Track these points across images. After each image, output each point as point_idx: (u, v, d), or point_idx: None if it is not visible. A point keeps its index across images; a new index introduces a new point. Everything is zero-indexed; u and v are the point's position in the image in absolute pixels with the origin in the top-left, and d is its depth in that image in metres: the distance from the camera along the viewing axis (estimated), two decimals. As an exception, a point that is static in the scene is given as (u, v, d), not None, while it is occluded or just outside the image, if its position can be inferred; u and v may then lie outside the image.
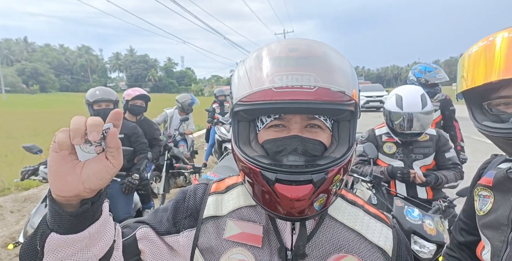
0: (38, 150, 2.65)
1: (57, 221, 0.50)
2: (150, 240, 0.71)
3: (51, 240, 0.50)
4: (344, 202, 0.76)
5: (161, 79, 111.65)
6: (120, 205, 2.79)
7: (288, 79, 0.58)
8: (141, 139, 3.12)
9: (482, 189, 0.94)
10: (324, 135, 0.67)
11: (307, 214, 0.62)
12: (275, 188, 0.59)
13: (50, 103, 34.14)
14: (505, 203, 0.84)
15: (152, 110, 4.06)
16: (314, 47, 0.65)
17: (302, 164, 0.61)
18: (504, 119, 0.76)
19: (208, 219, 0.73)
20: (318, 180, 0.59)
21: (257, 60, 0.65)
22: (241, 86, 0.64)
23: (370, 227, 0.72)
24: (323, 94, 0.59)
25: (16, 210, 4.34)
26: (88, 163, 0.51)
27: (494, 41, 0.73)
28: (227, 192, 0.78)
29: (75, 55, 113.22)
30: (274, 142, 0.66)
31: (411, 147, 2.19)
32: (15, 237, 3.40)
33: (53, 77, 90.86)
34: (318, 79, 0.58)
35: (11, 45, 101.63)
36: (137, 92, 3.68)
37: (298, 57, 0.62)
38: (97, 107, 2.84)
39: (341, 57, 0.66)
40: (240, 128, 0.69)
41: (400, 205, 1.86)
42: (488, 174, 0.95)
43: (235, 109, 0.65)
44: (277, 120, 0.66)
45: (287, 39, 0.69)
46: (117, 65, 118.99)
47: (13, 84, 73.83)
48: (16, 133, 11.53)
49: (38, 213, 2.32)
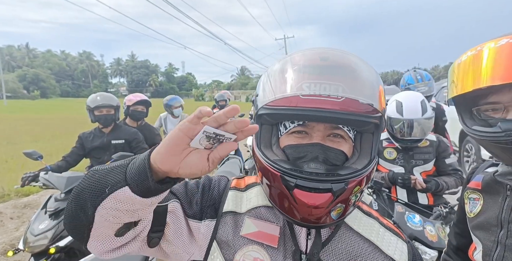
0: (38, 156, 2.64)
1: (138, 180, 0.51)
2: (177, 217, 0.69)
3: (121, 192, 0.51)
4: (359, 212, 0.76)
5: (162, 84, 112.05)
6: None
7: (316, 87, 0.58)
8: (142, 144, 3.11)
9: (472, 192, 0.98)
10: (346, 145, 0.67)
11: (324, 222, 0.62)
12: (294, 193, 0.59)
13: (50, 109, 34.23)
14: (494, 205, 0.89)
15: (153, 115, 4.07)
16: (345, 58, 0.65)
17: (323, 172, 0.61)
18: (492, 123, 0.80)
19: (228, 214, 0.73)
20: (338, 189, 0.58)
21: (287, 66, 0.65)
22: (269, 90, 0.64)
23: (385, 239, 0.72)
24: (350, 104, 0.59)
25: (16, 217, 4.32)
26: (192, 154, 0.51)
27: (482, 51, 0.77)
28: (246, 190, 0.78)
29: (76, 60, 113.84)
30: (296, 148, 0.66)
31: (412, 153, 2.19)
32: (14, 244, 3.37)
33: (54, 82, 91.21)
34: (346, 89, 0.58)
35: (13, 52, 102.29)
36: (138, 98, 3.69)
37: (329, 66, 0.62)
38: (98, 113, 2.86)
39: (370, 69, 0.67)
40: (263, 131, 0.70)
41: (401, 211, 1.85)
42: (476, 178, 0.99)
43: (260, 112, 0.66)
44: (301, 126, 0.66)
45: (318, 47, 0.70)
46: (118, 71, 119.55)
47: (14, 90, 74.13)
48: (16, 139, 11.53)
49: (38, 219, 2.31)
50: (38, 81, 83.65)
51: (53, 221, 2.25)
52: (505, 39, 0.75)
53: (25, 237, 2.21)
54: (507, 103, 0.78)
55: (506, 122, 0.76)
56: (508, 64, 0.72)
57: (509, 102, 0.78)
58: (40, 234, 2.17)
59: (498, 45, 0.75)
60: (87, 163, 3.15)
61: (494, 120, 0.80)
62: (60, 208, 2.33)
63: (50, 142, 10.69)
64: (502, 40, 0.75)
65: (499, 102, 0.79)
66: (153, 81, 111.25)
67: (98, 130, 3.01)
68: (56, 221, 2.25)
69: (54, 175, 2.49)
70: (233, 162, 3.31)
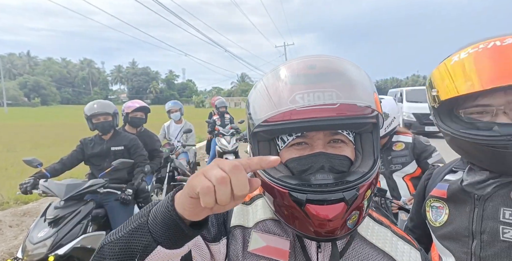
0: (38, 163, 2.64)
1: (169, 234, 0.48)
2: (201, 248, 0.67)
3: (156, 254, 0.48)
4: (371, 221, 0.75)
5: (162, 91, 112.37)
6: (119, 218, 2.76)
7: (310, 97, 0.57)
8: (140, 151, 3.12)
9: (435, 201, 0.97)
10: (348, 149, 0.66)
11: (341, 233, 0.60)
12: (306, 209, 0.57)
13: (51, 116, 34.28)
14: (461, 215, 0.88)
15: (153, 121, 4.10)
16: (332, 63, 0.64)
17: (332, 182, 0.59)
18: (480, 127, 0.77)
19: (236, 228, 0.71)
20: (350, 197, 0.57)
21: (276, 79, 0.64)
22: (262, 107, 0.62)
23: (399, 249, 0.70)
24: (345, 109, 0.59)
25: (15, 225, 4.28)
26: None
27: (482, 50, 0.75)
28: (252, 203, 0.76)
29: (77, 68, 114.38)
30: (298, 161, 0.64)
31: (390, 158, 2.17)
32: (13, 253, 3.34)
33: (55, 90, 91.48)
34: (340, 94, 0.57)
35: (14, 59, 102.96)
36: (136, 104, 3.70)
37: (318, 73, 0.61)
38: (95, 121, 2.88)
39: (359, 70, 0.66)
40: (261, 148, 0.68)
41: (405, 219, 1.84)
42: (439, 186, 0.97)
43: (256, 130, 0.64)
44: (300, 138, 0.65)
45: (304, 56, 0.69)
46: (119, 78, 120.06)
47: (15, 98, 74.37)
48: (16, 146, 11.51)
49: (37, 227, 2.29)
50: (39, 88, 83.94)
51: (52, 229, 2.24)
52: (510, 39, 0.73)
53: (24, 245, 2.19)
54: (499, 107, 0.76)
55: (505, 126, 0.74)
56: (506, 66, 0.71)
57: (501, 106, 0.75)
58: (39, 242, 2.15)
59: (504, 43, 0.73)
60: (87, 169, 3.14)
61: (483, 123, 0.77)
62: (60, 216, 2.31)
63: (50, 149, 10.67)
64: (508, 39, 0.73)
65: (491, 105, 0.76)
66: (153, 88, 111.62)
67: (99, 137, 3.01)
68: (55, 229, 2.24)
69: (54, 183, 2.48)
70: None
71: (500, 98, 0.75)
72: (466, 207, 0.87)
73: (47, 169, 2.75)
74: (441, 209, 0.94)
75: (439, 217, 0.94)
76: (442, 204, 0.95)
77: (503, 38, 0.74)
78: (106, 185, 2.65)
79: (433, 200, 0.97)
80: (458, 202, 0.90)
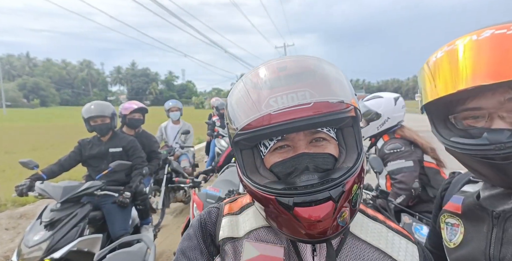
0: (34, 165, 2.61)
1: None
2: None
3: None
4: (365, 217, 0.74)
5: (162, 92, 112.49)
6: (116, 221, 2.72)
7: (283, 99, 0.57)
8: (138, 153, 3.08)
9: (450, 216, 0.83)
10: (331, 146, 0.65)
11: (333, 233, 0.60)
12: (294, 212, 0.57)
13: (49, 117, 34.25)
14: (478, 235, 0.74)
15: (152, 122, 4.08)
16: (302, 62, 0.64)
17: (317, 181, 0.58)
18: (474, 134, 0.67)
19: (225, 241, 0.70)
20: (337, 194, 0.57)
21: (248, 85, 0.63)
22: (238, 115, 0.62)
23: (395, 245, 0.69)
24: (322, 106, 0.58)
25: (11, 227, 4.25)
26: None
27: (459, 46, 0.65)
28: (241, 212, 0.75)
29: (76, 69, 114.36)
30: (283, 164, 0.64)
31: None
32: (9, 256, 3.31)
33: (54, 91, 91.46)
34: (313, 93, 0.57)
35: (13, 61, 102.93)
36: (134, 106, 3.67)
37: (289, 74, 0.61)
38: (93, 123, 2.84)
39: (330, 66, 0.65)
40: (245, 157, 0.67)
41: (409, 222, 1.82)
42: (454, 199, 0.84)
43: (236, 139, 0.63)
44: (281, 141, 0.64)
45: (273, 59, 0.68)
46: (118, 79, 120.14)
47: (14, 99, 74.29)
48: (14, 148, 11.48)
49: (33, 230, 2.25)
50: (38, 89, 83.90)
51: (48, 232, 2.20)
52: (488, 31, 0.62)
53: (19, 248, 2.15)
54: (491, 109, 0.64)
55: (494, 132, 0.63)
56: (493, 60, 0.59)
57: (494, 108, 0.64)
58: (35, 245, 2.11)
59: (480, 37, 0.62)
60: (84, 171, 3.11)
61: (476, 130, 0.67)
62: (56, 219, 2.27)
63: (48, 151, 10.63)
64: (486, 32, 0.62)
65: (481, 108, 0.66)
66: (153, 89, 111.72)
67: (97, 139, 2.98)
68: (51, 232, 2.20)
69: (50, 185, 2.45)
70: (232, 170, 3.25)
71: (489, 100, 0.64)
72: (484, 226, 0.73)
73: (44, 170, 2.72)
74: (456, 227, 0.80)
75: (454, 236, 0.80)
76: (457, 220, 0.80)
77: (480, 31, 0.63)
78: (104, 187, 2.62)
79: (447, 216, 0.84)
80: (474, 219, 0.76)
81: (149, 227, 3.30)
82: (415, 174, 2.12)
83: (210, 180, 6.12)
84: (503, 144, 0.60)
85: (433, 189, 2.14)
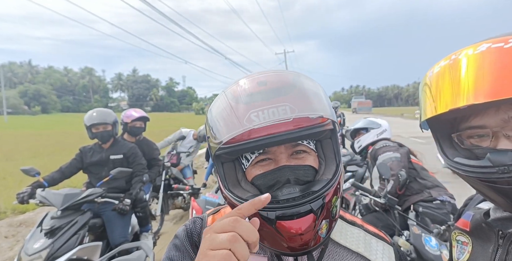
0: (36, 172, 2.63)
1: None
2: None
3: None
4: (344, 223, 0.77)
5: (163, 99, 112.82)
6: (116, 228, 2.73)
7: (265, 114, 0.58)
8: (139, 160, 3.10)
9: (460, 233, 0.77)
10: (311, 157, 0.67)
11: (314, 245, 0.61)
12: (277, 226, 0.58)
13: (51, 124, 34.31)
14: (484, 256, 0.68)
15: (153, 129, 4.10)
16: (282, 77, 0.66)
17: (298, 194, 0.60)
18: (478, 154, 0.62)
19: None
20: (318, 207, 0.58)
21: (229, 101, 0.64)
22: (220, 129, 0.62)
23: (373, 247, 0.73)
24: (302, 120, 0.60)
25: (11, 235, 4.24)
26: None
27: (458, 60, 0.60)
28: None
29: (77, 76, 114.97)
30: (264, 177, 0.64)
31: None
32: (8, 264, 3.29)
33: (55, 98, 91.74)
34: (293, 108, 0.59)
35: (15, 68, 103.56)
36: (136, 114, 3.70)
37: (269, 89, 0.62)
38: (95, 130, 2.86)
39: (308, 80, 0.68)
40: (226, 170, 0.68)
41: (418, 232, 1.82)
42: (466, 216, 0.79)
43: (217, 153, 0.64)
44: (262, 154, 0.65)
45: (254, 73, 0.70)
46: (119, 85, 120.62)
47: (15, 106, 74.54)
48: (15, 155, 11.48)
49: (33, 238, 2.26)
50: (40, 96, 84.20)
51: (48, 240, 2.20)
52: (485, 44, 0.58)
53: (19, 257, 2.16)
54: (495, 128, 0.59)
55: (497, 153, 0.57)
56: (488, 77, 0.55)
57: (498, 126, 0.59)
58: (35, 253, 2.11)
59: (477, 52, 0.58)
60: (85, 178, 3.12)
61: (481, 150, 0.61)
62: (56, 226, 2.28)
63: (49, 158, 10.64)
64: (482, 45, 0.58)
65: (485, 126, 0.60)
66: (153, 95, 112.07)
67: (98, 146, 3.00)
68: (51, 239, 2.20)
69: (51, 192, 2.46)
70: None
71: (492, 118, 0.59)
72: (490, 246, 0.68)
73: (45, 178, 2.73)
74: (465, 246, 0.75)
75: (462, 255, 0.75)
76: (467, 238, 0.75)
77: (477, 45, 0.59)
78: (104, 195, 2.63)
79: (458, 233, 0.78)
80: (481, 237, 0.71)
81: (149, 234, 3.30)
82: (401, 164, 2.34)
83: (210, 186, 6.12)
84: (506, 166, 0.54)
85: (423, 180, 2.39)
